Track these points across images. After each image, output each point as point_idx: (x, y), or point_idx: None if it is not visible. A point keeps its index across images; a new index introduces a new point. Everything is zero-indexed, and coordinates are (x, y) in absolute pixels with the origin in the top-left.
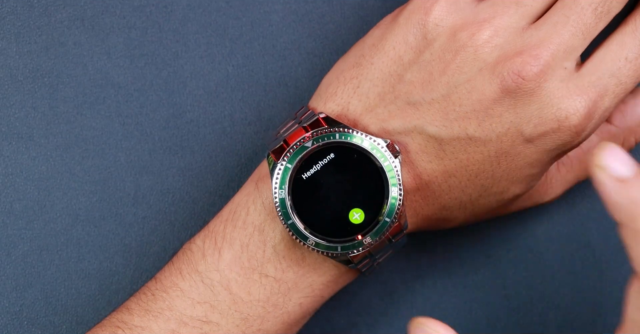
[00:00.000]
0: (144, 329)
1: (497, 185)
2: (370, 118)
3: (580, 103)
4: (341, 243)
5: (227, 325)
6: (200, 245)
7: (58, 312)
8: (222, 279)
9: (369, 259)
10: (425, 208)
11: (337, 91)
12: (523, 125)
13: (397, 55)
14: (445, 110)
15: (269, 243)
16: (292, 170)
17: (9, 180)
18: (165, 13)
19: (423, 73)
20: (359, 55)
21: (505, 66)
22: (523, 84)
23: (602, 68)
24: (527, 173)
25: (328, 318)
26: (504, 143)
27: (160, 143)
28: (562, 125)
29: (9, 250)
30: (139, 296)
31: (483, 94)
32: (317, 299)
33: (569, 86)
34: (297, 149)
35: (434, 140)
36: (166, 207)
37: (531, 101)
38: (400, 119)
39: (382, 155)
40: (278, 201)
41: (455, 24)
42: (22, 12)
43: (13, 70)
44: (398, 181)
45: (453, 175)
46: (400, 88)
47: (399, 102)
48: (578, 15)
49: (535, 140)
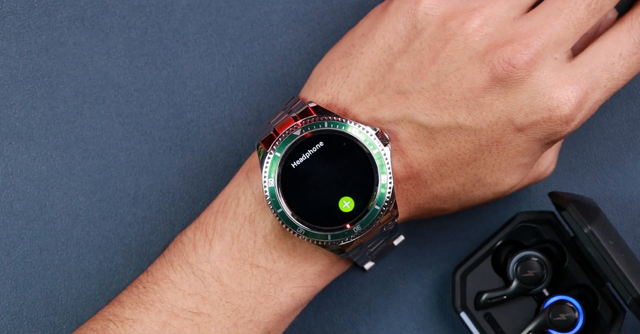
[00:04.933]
0: (135, 321)
1: (490, 175)
2: (360, 108)
3: (572, 93)
4: (331, 231)
5: (219, 316)
6: (191, 237)
7: (58, 312)
8: (213, 271)
9: (361, 249)
10: (417, 197)
11: (327, 81)
12: (514, 114)
13: (387, 45)
14: (435, 98)
15: (259, 233)
16: (281, 159)
17: (9, 180)
18: (165, 13)
19: (413, 62)
20: (349, 45)
21: (495, 54)
22: (513, 72)
23: (595, 61)
24: (519, 163)
25: (328, 318)
26: (494, 132)
27: (160, 143)
28: (553, 115)
29: (9, 250)
30: (130, 289)
31: (473, 83)
32: (309, 289)
33: (560, 75)
34: (286, 138)
35: (424, 129)
36: (166, 207)
37: (522, 90)
38: (390, 108)
39: (371, 143)
40: (267, 190)
41: (445, 13)
42: (22, 12)
43: (13, 70)
44: (388, 169)
45: (444, 163)
46: (390, 77)
47: (388, 91)
48: (571, 9)
49: (526, 129)
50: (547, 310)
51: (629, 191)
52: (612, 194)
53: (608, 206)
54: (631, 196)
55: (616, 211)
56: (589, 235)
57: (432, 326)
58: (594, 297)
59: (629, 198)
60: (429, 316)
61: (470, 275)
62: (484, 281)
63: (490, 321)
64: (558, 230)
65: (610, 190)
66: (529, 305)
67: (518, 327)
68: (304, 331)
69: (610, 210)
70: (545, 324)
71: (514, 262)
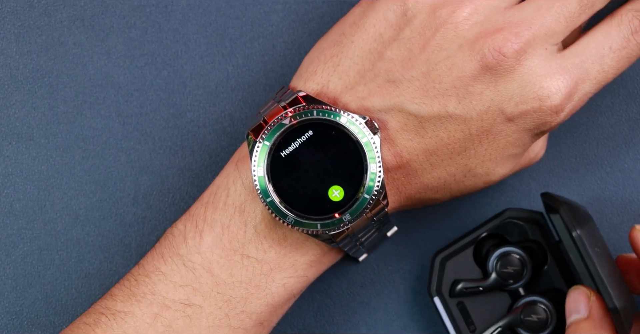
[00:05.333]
0: (127, 314)
1: (481, 165)
2: (350, 96)
3: (563, 83)
4: (321, 220)
5: (210, 307)
6: (182, 229)
7: (58, 312)
8: (204, 262)
9: (352, 238)
10: (407, 187)
11: (317, 70)
12: (504, 104)
13: (377, 33)
14: (425, 87)
15: (249, 223)
16: (270, 148)
17: (9, 180)
18: (165, 13)
19: (403, 50)
20: (340, 34)
21: (485, 42)
22: (503, 61)
23: (586, 53)
24: (509, 153)
25: (328, 318)
26: (484, 121)
27: (160, 143)
28: (543, 104)
29: (9, 250)
30: (122, 283)
31: (463, 71)
32: (301, 279)
33: (551, 65)
34: (275, 126)
35: (414, 118)
36: (166, 207)
37: (512, 79)
38: (380, 97)
39: (360, 132)
40: (257, 178)
41: (436, 1)
42: (22, 12)
43: (13, 70)
44: (377, 158)
45: (434, 153)
46: (380, 65)
47: (378, 80)
48: (563, 2)
49: (516, 119)
50: (520, 308)
51: (629, 191)
52: (612, 194)
53: (608, 207)
54: (631, 196)
55: (616, 212)
56: (576, 238)
57: (432, 327)
58: None
59: (629, 198)
60: (429, 317)
61: (450, 261)
62: (462, 270)
63: (462, 310)
64: (544, 232)
65: (610, 190)
66: (503, 301)
67: (488, 320)
68: (304, 331)
69: (610, 210)
70: (516, 323)
71: (496, 256)
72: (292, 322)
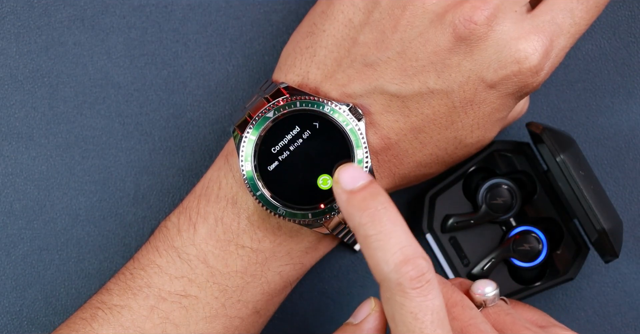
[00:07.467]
0: (123, 307)
1: (470, 135)
2: (331, 85)
3: (538, 42)
4: (312, 210)
5: (206, 298)
6: (175, 222)
7: (58, 312)
8: (199, 253)
9: (345, 225)
10: (400, 167)
11: (295, 62)
12: (483, 72)
13: (346, 19)
14: (403, 66)
15: (242, 214)
16: (256, 142)
17: (9, 180)
18: (165, 13)
19: (375, 33)
20: (311, 24)
21: (455, 13)
22: (475, 29)
23: (555, 8)
24: (495, 118)
25: (329, 318)
26: (466, 92)
27: (160, 143)
28: (522, 67)
29: (9, 250)
30: (117, 277)
31: (437, 45)
32: (297, 267)
33: (523, 26)
34: (259, 120)
35: (396, 99)
36: (166, 207)
37: (487, 46)
38: (360, 82)
39: (344, 120)
40: (245, 173)
41: None
42: (22, 12)
43: (13, 70)
44: (363, 143)
45: (422, 130)
46: (355, 51)
47: (356, 65)
48: None
49: (497, 85)
50: (511, 239)
51: (629, 191)
52: (611, 194)
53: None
54: (631, 196)
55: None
56: (560, 163)
57: None
58: (560, 232)
59: (629, 198)
60: None
61: (440, 197)
62: (453, 205)
63: (455, 245)
64: (532, 162)
65: (610, 190)
66: (494, 233)
67: (481, 253)
68: (304, 331)
69: None
70: (508, 253)
71: (485, 188)
72: (293, 322)
